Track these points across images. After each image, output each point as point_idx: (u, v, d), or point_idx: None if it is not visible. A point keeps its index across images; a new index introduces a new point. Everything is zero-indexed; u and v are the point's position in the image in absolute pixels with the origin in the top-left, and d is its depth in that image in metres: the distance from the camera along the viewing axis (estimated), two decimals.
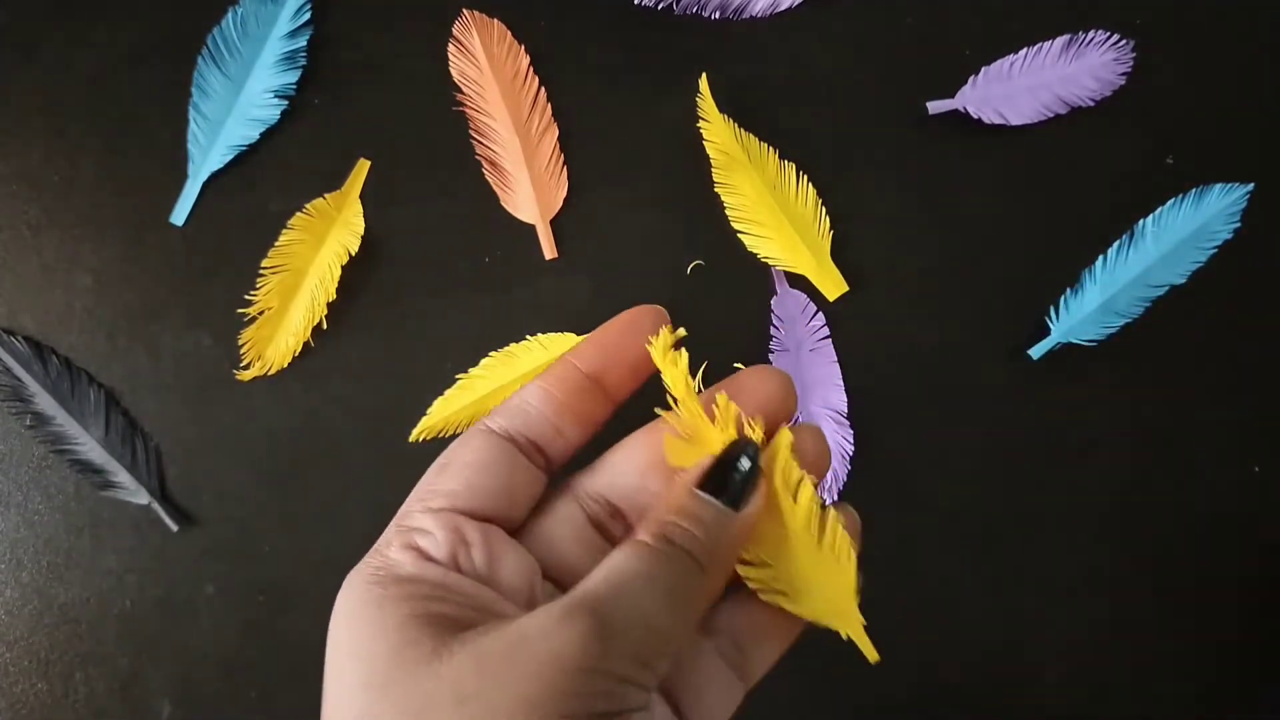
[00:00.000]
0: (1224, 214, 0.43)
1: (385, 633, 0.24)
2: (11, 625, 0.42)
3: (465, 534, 0.26)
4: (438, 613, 0.24)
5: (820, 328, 0.43)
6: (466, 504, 0.27)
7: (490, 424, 0.28)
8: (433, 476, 0.28)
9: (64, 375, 0.42)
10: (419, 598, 0.24)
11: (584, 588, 0.24)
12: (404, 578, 0.25)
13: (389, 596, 0.24)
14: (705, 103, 0.42)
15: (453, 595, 0.25)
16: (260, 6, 0.43)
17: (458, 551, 0.26)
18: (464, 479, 0.27)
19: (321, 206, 0.43)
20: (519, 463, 0.28)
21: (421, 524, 0.26)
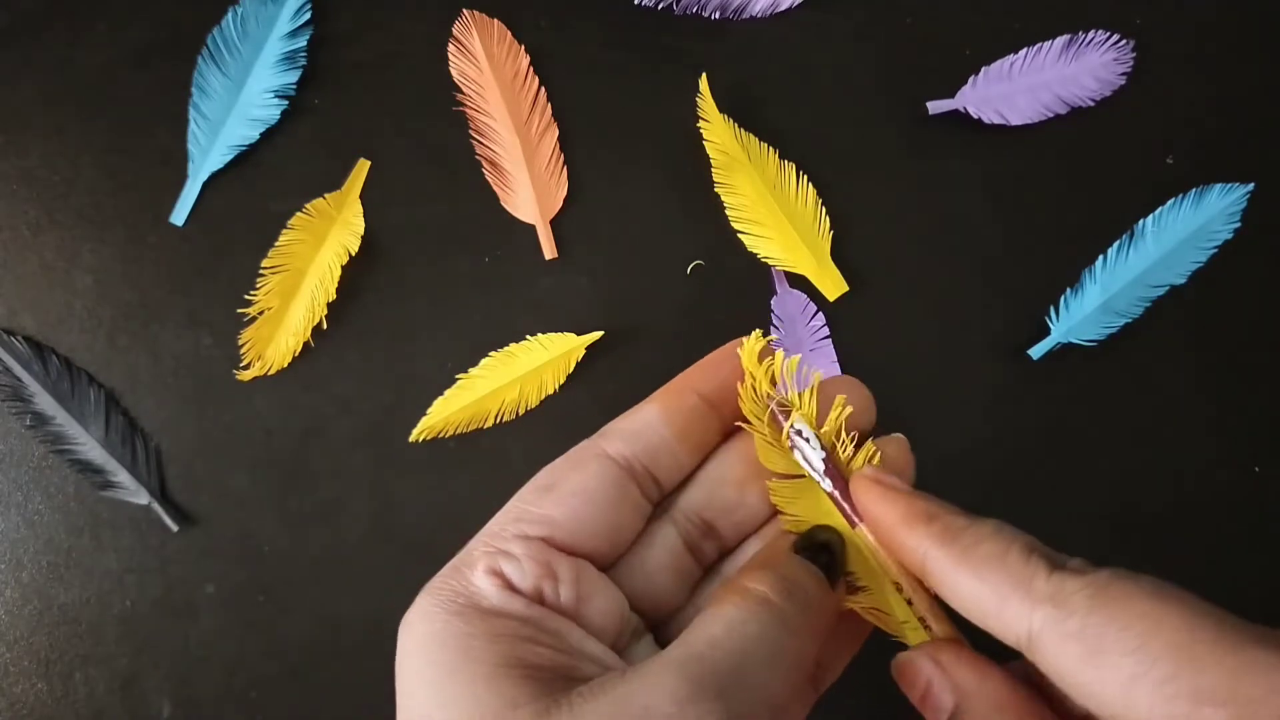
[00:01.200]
0: (1224, 214, 0.43)
1: (476, 687, 0.21)
2: (11, 625, 0.42)
3: (556, 569, 0.24)
4: (531, 661, 0.22)
5: (820, 328, 0.43)
6: (564, 536, 0.25)
7: (607, 447, 0.26)
8: (533, 496, 0.26)
9: (64, 375, 0.42)
10: (507, 638, 0.22)
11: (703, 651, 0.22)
12: (489, 611, 0.23)
13: (476, 636, 0.22)
14: (705, 103, 0.42)
15: (540, 635, 0.23)
16: (260, 6, 0.43)
17: (544, 585, 0.24)
18: (569, 509, 0.25)
19: (321, 206, 0.43)
20: (630, 496, 0.26)
21: (511, 549, 0.24)
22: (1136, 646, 0.20)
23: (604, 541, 0.26)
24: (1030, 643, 0.22)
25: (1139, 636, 0.20)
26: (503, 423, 0.42)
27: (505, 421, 0.42)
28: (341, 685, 0.42)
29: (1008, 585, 0.22)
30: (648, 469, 0.27)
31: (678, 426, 0.27)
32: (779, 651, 0.23)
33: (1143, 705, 0.20)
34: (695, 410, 0.27)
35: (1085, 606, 0.21)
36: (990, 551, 0.23)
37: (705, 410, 0.27)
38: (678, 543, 0.27)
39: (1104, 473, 0.43)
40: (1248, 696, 0.18)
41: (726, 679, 0.21)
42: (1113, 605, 0.21)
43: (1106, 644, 0.20)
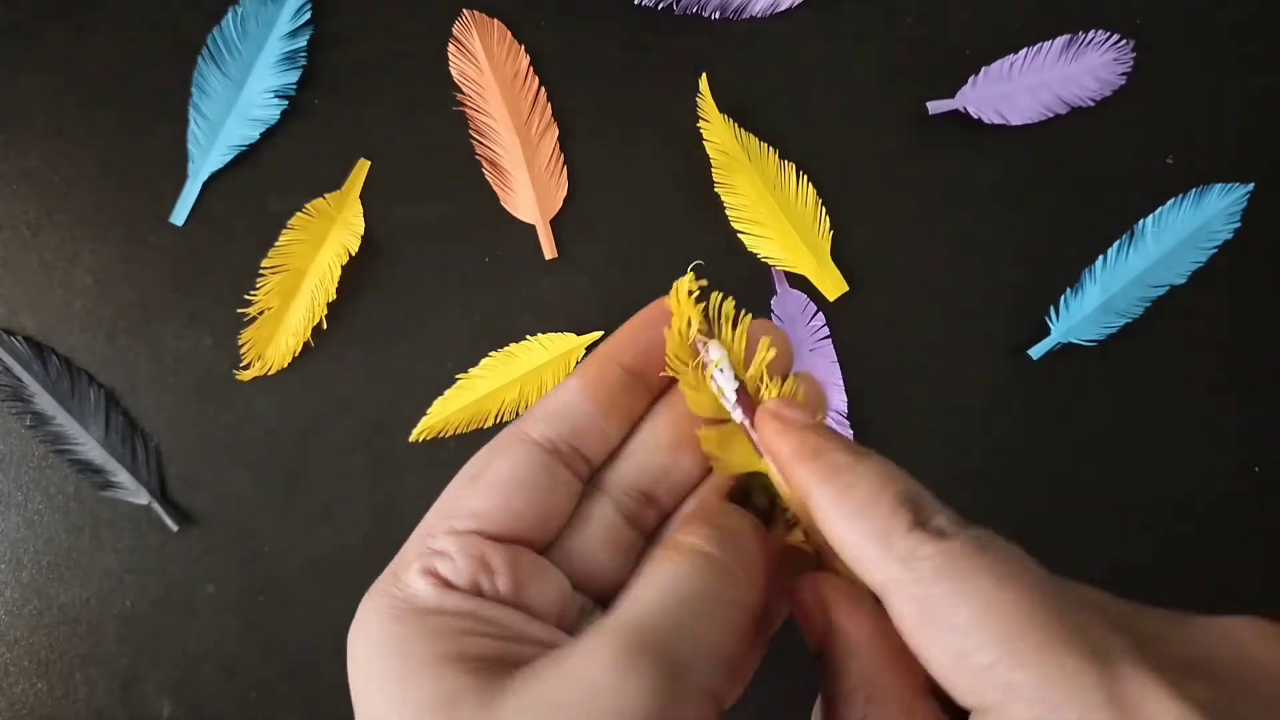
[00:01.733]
0: (1224, 214, 0.43)
1: (423, 684, 0.22)
2: (11, 625, 0.42)
3: (489, 560, 0.24)
4: (471, 653, 0.22)
5: (820, 328, 0.43)
6: (495, 526, 0.24)
7: (530, 430, 0.26)
8: (461, 489, 0.25)
9: (64, 375, 0.42)
10: (448, 634, 0.22)
11: (636, 615, 0.22)
12: (426, 610, 0.23)
13: (414, 636, 0.22)
14: (705, 103, 0.42)
15: (482, 625, 0.23)
16: (260, 6, 0.43)
17: (480, 578, 0.24)
18: (496, 498, 0.25)
19: (321, 206, 0.43)
20: (559, 477, 0.26)
21: (443, 546, 0.24)
22: (966, 627, 0.20)
23: (536, 526, 0.25)
24: (882, 594, 0.22)
25: (970, 618, 0.20)
26: (503, 423, 0.42)
27: (505, 421, 0.42)
28: (341, 685, 0.42)
29: (870, 535, 0.22)
30: (574, 448, 0.26)
31: (601, 401, 0.26)
32: (718, 603, 0.22)
33: (963, 684, 0.20)
34: (619, 382, 0.26)
35: (930, 575, 0.21)
36: (864, 495, 0.22)
37: (629, 381, 0.27)
38: (615, 517, 0.27)
39: (1103, 472, 0.43)
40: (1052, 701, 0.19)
41: (666, 638, 0.21)
42: (955, 580, 0.21)
43: (940, 617, 0.20)
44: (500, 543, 0.24)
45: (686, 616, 0.22)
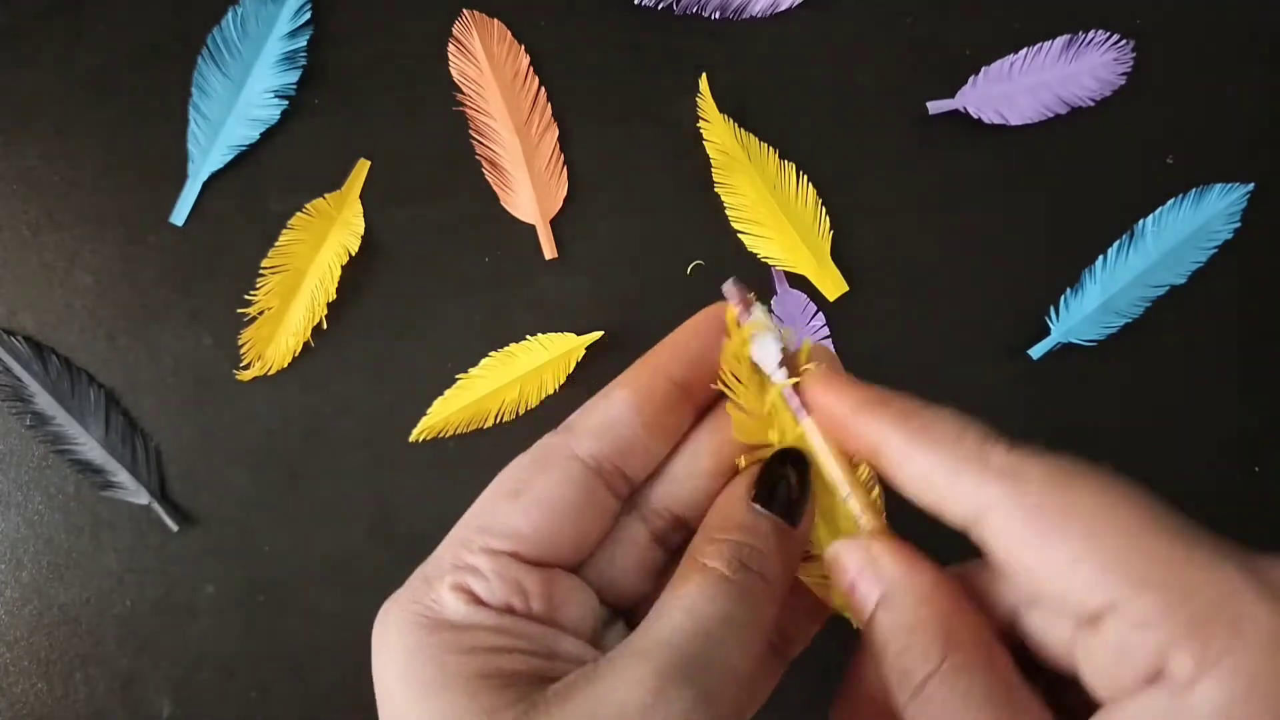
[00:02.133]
0: (1224, 214, 0.43)
1: (458, 699, 0.22)
2: (11, 625, 0.42)
3: (524, 584, 0.24)
4: (506, 669, 0.22)
5: (820, 328, 0.43)
6: (533, 550, 0.24)
7: (576, 448, 0.25)
8: (500, 504, 0.25)
9: (64, 375, 0.42)
10: (481, 650, 0.22)
11: (668, 638, 0.22)
12: (457, 624, 0.23)
13: (448, 650, 0.22)
14: (705, 103, 0.42)
15: (514, 642, 0.23)
16: (260, 6, 0.43)
17: (513, 600, 0.24)
18: (535, 520, 0.24)
19: (321, 206, 0.43)
20: (598, 500, 0.25)
21: (477, 564, 0.24)
22: (1086, 530, 0.20)
23: (572, 549, 0.25)
24: (978, 518, 0.22)
25: (1090, 520, 0.21)
26: (503, 423, 0.42)
27: (505, 421, 0.42)
28: (341, 685, 0.42)
29: (962, 460, 0.22)
30: (618, 467, 0.26)
31: (649, 418, 0.25)
32: (739, 626, 0.23)
33: (1081, 586, 0.20)
34: (667, 397, 0.26)
35: (1040, 484, 0.21)
36: (946, 431, 0.23)
37: (676, 395, 0.26)
38: (645, 537, 0.27)
39: None
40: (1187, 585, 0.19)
41: (693, 662, 0.22)
42: (1069, 489, 0.21)
43: (1056, 524, 0.21)
44: (536, 566, 0.24)
45: (712, 642, 0.22)
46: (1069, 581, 0.21)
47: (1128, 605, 0.20)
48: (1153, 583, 0.20)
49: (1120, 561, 0.20)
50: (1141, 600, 0.20)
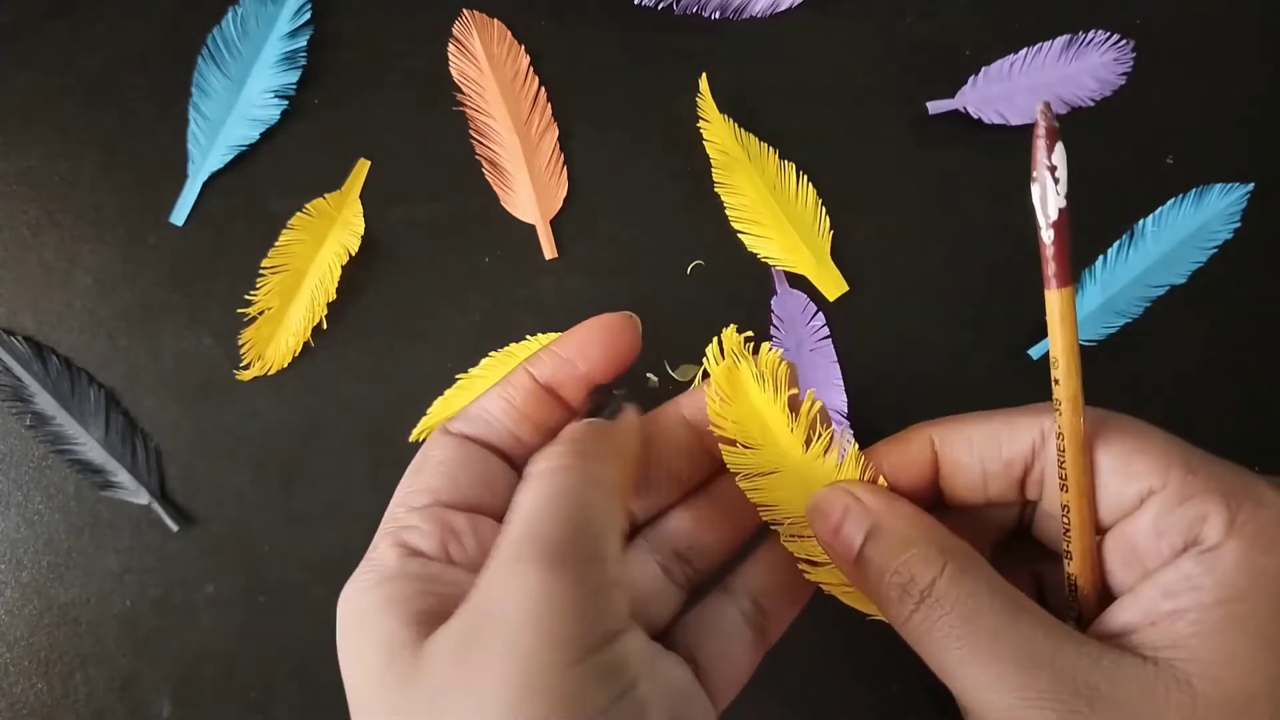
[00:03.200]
0: (1224, 214, 0.43)
1: (375, 644, 0.24)
2: (11, 625, 0.42)
3: (453, 524, 0.26)
4: (421, 608, 0.24)
5: (820, 328, 0.43)
6: (450, 497, 0.26)
7: (452, 428, 0.28)
8: (409, 479, 0.28)
9: (64, 375, 0.42)
10: (404, 597, 0.24)
11: (511, 534, 0.24)
12: (391, 576, 0.25)
13: (375, 603, 0.24)
14: (705, 103, 0.42)
15: (442, 586, 0.24)
16: (260, 6, 0.43)
17: (448, 542, 0.26)
18: (441, 475, 0.27)
19: (321, 206, 0.43)
20: (493, 462, 0.28)
21: (407, 521, 0.26)
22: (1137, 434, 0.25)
23: (484, 492, 0.27)
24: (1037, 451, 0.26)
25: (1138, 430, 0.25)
26: None
27: None
28: (341, 685, 0.42)
29: (1015, 413, 0.27)
30: (493, 445, 0.28)
31: (516, 413, 0.28)
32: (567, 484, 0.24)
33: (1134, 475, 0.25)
34: (535, 395, 0.28)
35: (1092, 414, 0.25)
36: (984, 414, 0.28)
37: (546, 396, 0.28)
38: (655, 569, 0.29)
39: None
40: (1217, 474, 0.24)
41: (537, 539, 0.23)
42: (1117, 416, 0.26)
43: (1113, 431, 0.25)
44: (460, 511, 0.26)
45: (550, 515, 0.24)
46: (1124, 472, 0.25)
47: (1171, 486, 0.24)
48: (1191, 469, 0.24)
49: (1166, 454, 0.24)
50: (1184, 481, 0.24)
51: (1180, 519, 0.24)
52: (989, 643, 0.23)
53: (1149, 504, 0.24)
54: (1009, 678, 0.23)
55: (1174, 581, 0.23)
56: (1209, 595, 0.23)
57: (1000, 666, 0.23)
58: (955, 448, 0.28)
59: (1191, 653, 0.22)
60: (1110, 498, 0.25)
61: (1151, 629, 0.23)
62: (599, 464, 0.26)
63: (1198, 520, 0.24)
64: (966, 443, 0.27)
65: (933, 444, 0.28)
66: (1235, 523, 0.23)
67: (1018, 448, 0.27)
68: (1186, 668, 0.22)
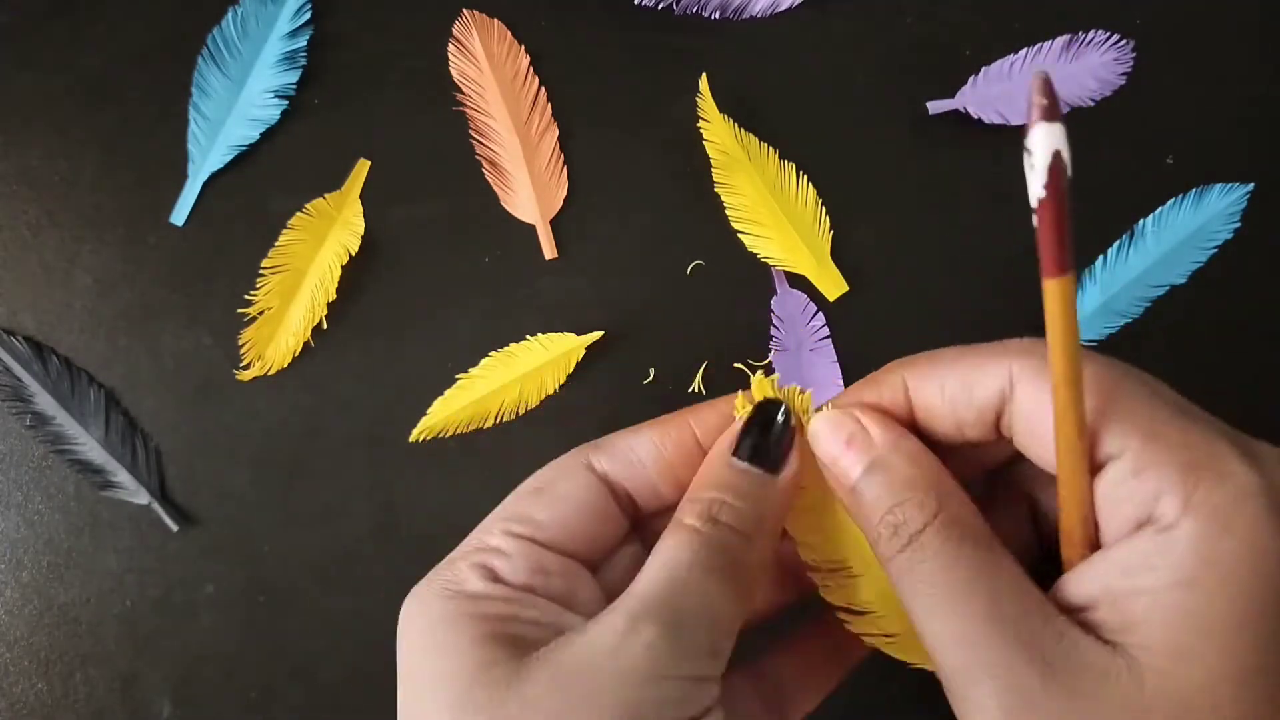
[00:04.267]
0: (1224, 214, 0.43)
1: (463, 653, 0.23)
2: (11, 625, 0.42)
3: (545, 564, 0.26)
4: (514, 633, 0.24)
5: (820, 328, 0.43)
6: (551, 539, 0.26)
7: (595, 462, 0.27)
8: (523, 500, 0.27)
9: (64, 375, 0.42)
10: (494, 617, 0.24)
11: (642, 589, 0.24)
12: (475, 594, 0.25)
13: (463, 613, 0.24)
14: (705, 103, 0.42)
15: (527, 613, 0.24)
16: (260, 6, 0.43)
17: (534, 579, 0.25)
18: (556, 514, 0.26)
19: (321, 206, 0.43)
20: (612, 511, 0.27)
21: (499, 545, 0.26)
22: (1101, 391, 0.24)
23: (586, 547, 0.27)
24: (1006, 395, 0.25)
25: (1105, 385, 0.24)
26: (503, 423, 0.42)
27: (505, 421, 0.42)
28: (341, 685, 0.42)
29: (985, 352, 0.26)
30: (628, 491, 0.28)
31: (664, 463, 0.28)
32: (708, 571, 0.24)
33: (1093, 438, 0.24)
34: (688, 451, 0.28)
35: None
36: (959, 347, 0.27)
37: (699, 453, 0.28)
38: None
39: None
40: (1180, 441, 0.23)
41: (662, 603, 0.23)
42: (1089, 362, 0.24)
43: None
44: (555, 553, 0.26)
45: (681, 583, 0.24)
46: (1091, 433, 0.23)
47: (1128, 454, 0.23)
48: (1152, 436, 0.23)
49: (1127, 417, 0.23)
50: (1141, 450, 0.23)
51: (1135, 492, 0.23)
52: (959, 598, 0.23)
53: (1106, 472, 0.23)
54: (969, 636, 0.23)
55: (1131, 559, 0.22)
56: (1163, 578, 0.22)
57: (962, 624, 0.23)
58: (927, 392, 0.27)
59: (1143, 639, 0.22)
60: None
61: (1111, 608, 0.22)
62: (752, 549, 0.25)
63: (1152, 496, 0.22)
64: (938, 388, 0.27)
65: (904, 383, 0.27)
66: (1191, 501, 0.22)
67: (987, 393, 0.26)
68: (1138, 655, 0.22)
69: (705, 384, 0.42)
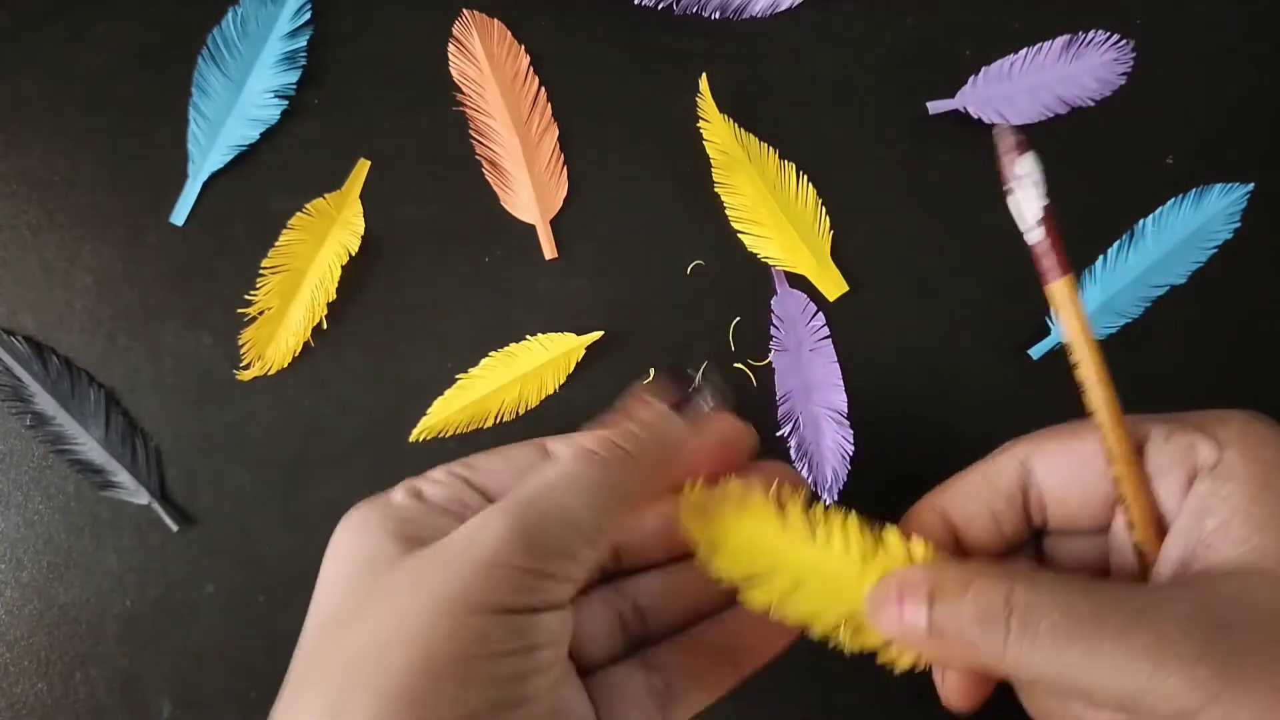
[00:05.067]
0: (1224, 214, 0.43)
1: (364, 545, 0.26)
2: (11, 625, 0.42)
3: (467, 499, 0.28)
4: (414, 534, 0.26)
5: (820, 328, 0.43)
6: (481, 484, 0.28)
7: (549, 443, 0.30)
8: (477, 454, 0.29)
9: (64, 375, 0.42)
10: (401, 519, 0.27)
11: (514, 492, 0.26)
12: (393, 504, 0.27)
13: (375, 516, 0.27)
14: (705, 103, 0.42)
15: (431, 521, 0.27)
16: (260, 6, 0.43)
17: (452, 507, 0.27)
18: (494, 466, 0.29)
19: (321, 206, 0.43)
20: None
21: (435, 476, 0.28)
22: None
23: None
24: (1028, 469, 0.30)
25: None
26: (503, 423, 0.42)
27: (505, 421, 0.42)
28: None
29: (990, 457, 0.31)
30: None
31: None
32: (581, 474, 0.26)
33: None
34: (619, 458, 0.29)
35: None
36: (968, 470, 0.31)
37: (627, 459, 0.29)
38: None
39: None
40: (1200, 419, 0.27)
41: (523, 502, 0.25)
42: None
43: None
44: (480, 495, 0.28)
45: (547, 488, 0.26)
46: None
47: (1154, 432, 0.27)
48: (1163, 418, 0.28)
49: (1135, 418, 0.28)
50: (1162, 424, 0.27)
51: (1172, 453, 0.27)
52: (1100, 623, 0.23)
53: (1144, 452, 0.27)
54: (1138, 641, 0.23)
55: (1202, 503, 0.25)
56: (1241, 497, 0.25)
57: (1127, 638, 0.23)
58: (959, 503, 0.29)
59: (1256, 547, 0.24)
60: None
61: (1208, 550, 0.25)
62: (634, 474, 0.27)
63: (1188, 449, 0.26)
64: (967, 495, 0.30)
65: (940, 511, 0.29)
66: (1219, 438, 0.26)
67: (1008, 481, 0.29)
68: (1260, 561, 0.24)
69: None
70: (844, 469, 0.42)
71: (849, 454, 0.42)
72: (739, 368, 0.43)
